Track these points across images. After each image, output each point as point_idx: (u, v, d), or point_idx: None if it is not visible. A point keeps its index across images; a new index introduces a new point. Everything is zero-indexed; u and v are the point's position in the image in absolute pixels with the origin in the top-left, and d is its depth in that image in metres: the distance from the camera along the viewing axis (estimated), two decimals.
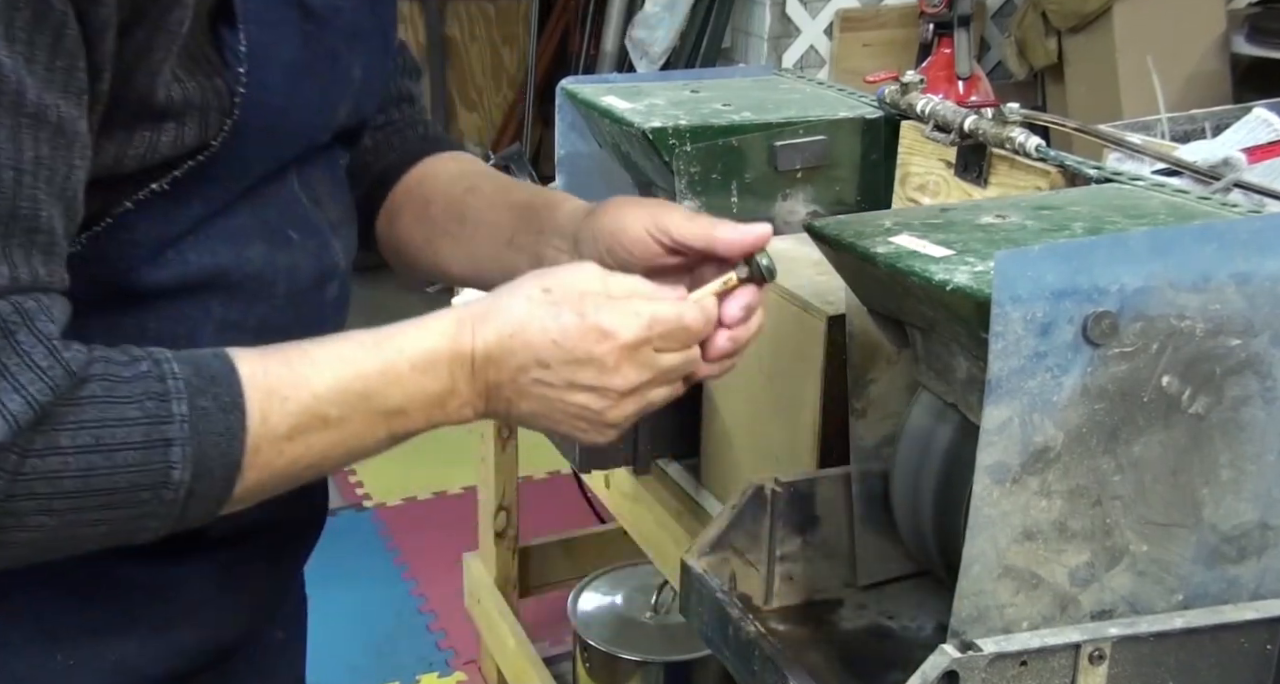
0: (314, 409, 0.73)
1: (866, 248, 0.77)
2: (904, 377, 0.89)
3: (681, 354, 0.80)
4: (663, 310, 0.79)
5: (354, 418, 0.74)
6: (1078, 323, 0.66)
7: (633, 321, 0.78)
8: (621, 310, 0.78)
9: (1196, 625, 0.72)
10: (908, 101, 1.16)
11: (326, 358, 0.74)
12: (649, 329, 0.78)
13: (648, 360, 0.79)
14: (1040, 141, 1.04)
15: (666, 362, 0.80)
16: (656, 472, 1.20)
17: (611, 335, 0.77)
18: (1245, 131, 1.41)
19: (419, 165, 1.04)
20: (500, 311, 0.78)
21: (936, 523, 0.83)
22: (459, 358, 0.76)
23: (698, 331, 0.81)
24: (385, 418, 0.75)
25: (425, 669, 2.35)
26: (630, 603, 1.96)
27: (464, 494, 2.85)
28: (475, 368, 0.77)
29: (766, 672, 0.79)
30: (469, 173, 1.03)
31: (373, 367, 0.74)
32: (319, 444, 0.74)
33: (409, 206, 1.03)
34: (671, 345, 0.80)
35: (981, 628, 0.69)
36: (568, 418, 0.80)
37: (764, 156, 1.16)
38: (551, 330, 0.77)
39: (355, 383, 0.74)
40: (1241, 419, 0.71)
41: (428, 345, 0.76)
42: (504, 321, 0.77)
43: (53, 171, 0.66)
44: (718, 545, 0.87)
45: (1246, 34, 2.93)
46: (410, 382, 0.75)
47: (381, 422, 0.76)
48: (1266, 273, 0.69)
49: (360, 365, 0.74)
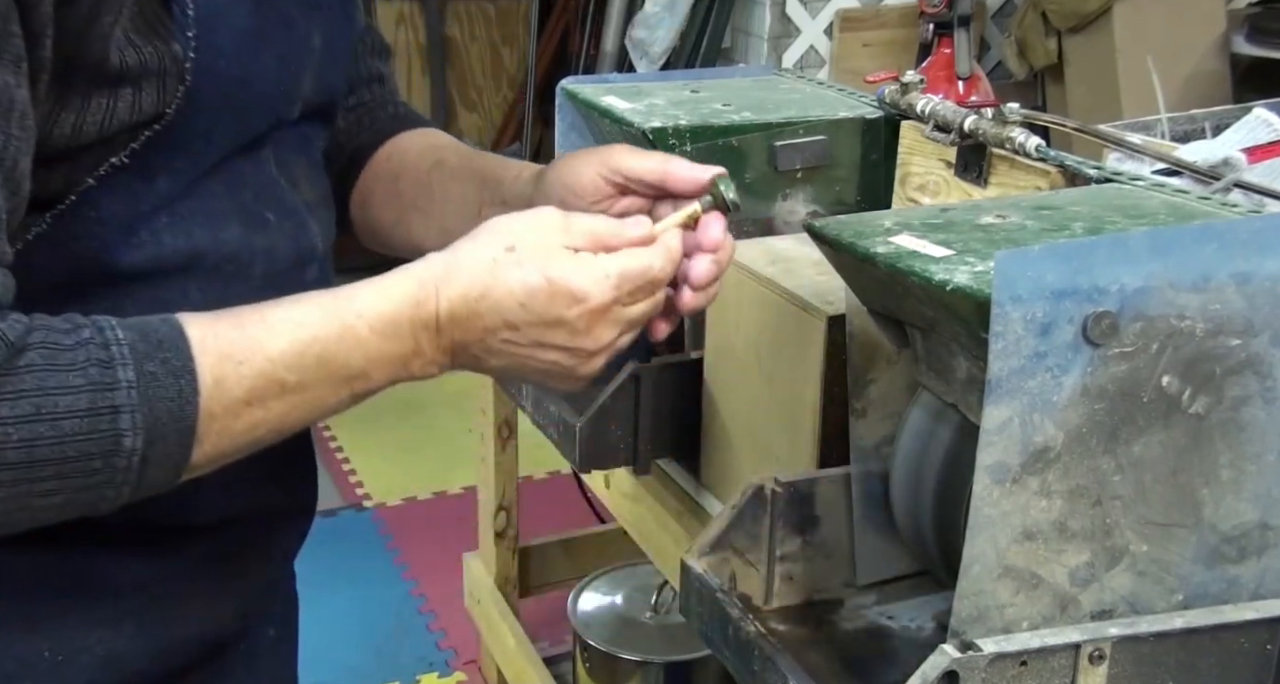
0: (270, 374, 0.71)
1: (866, 248, 0.77)
2: (904, 377, 0.89)
3: (649, 302, 0.80)
4: (630, 264, 0.78)
5: (313, 383, 0.73)
6: (1078, 323, 0.66)
7: (603, 283, 0.77)
8: (590, 271, 0.77)
9: (1196, 625, 0.72)
10: (908, 101, 1.16)
11: (281, 320, 0.73)
12: (618, 289, 0.77)
13: (617, 317, 0.79)
14: (1040, 141, 1.04)
15: (635, 313, 0.79)
16: (656, 472, 1.20)
17: (582, 299, 0.76)
18: (1245, 131, 1.41)
19: (388, 143, 1.04)
20: (464, 271, 0.76)
21: (936, 523, 0.83)
22: (422, 321, 0.75)
23: (665, 278, 0.80)
24: (347, 381, 0.75)
25: (425, 669, 2.35)
26: (630, 603, 1.96)
27: (464, 494, 2.85)
28: (440, 330, 0.76)
29: (766, 672, 0.79)
30: (436, 147, 1.04)
31: (330, 331, 0.73)
32: (278, 408, 0.73)
33: (379, 185, 1.03)
34: (640, 297, 0.79)
35: (981, 628, 0.69)
36: (538, 373, 0.80)
37: (764, 156, 1.16)
38: (518, 293, 0.76)
39: (313, 346, 0.73)
40: (1241, 419, 0.71)
41: (388, 309, 0.75)
42: (469, 283, 0.76)
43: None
44: (718, 545, 0.87)
45: (1246, 34, 2.93)
46: (371, 345, 0.74)
47: (343, 385, 0.75)
48: (1266, 273, 0.69)
49: (317, 329, 0.73)
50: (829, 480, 0.90)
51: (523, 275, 0.76)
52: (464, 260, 0.77)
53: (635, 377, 1.11)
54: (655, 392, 1.13)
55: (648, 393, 1.12)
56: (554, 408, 1.17)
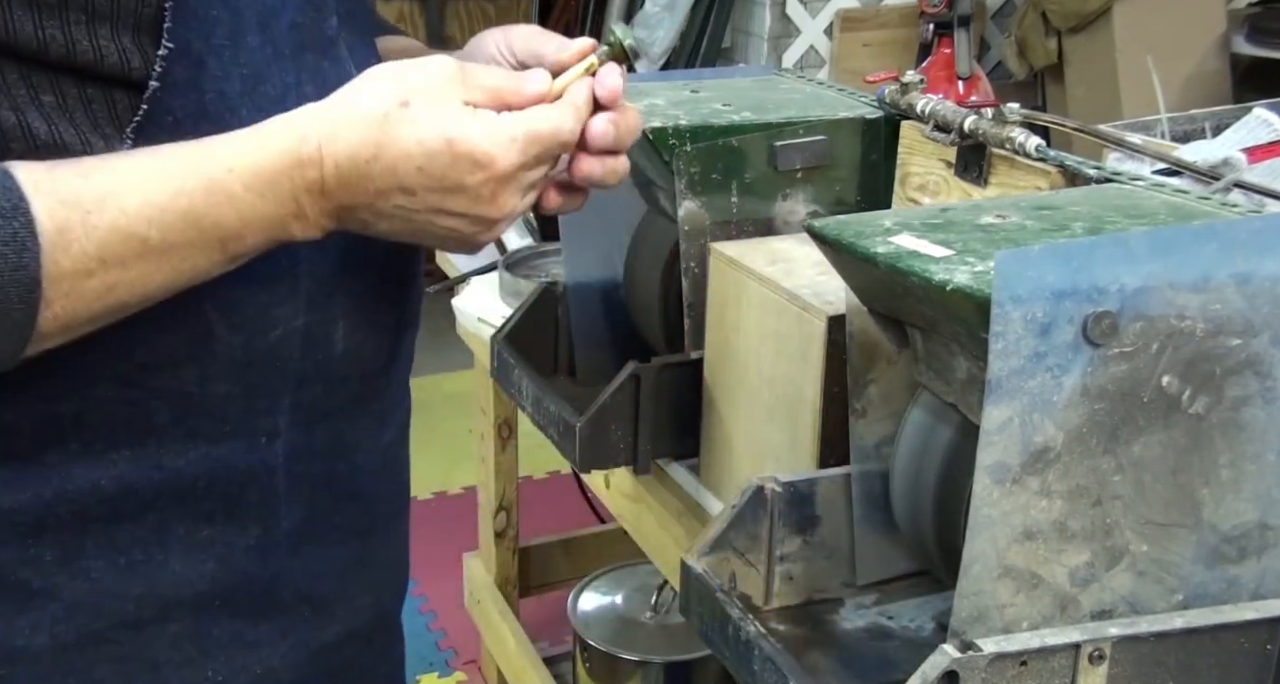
0: (126, 228, 0.64)
1: (866, 248, 0.77)
2: (904, 377, 0.89)
3: (552, 162, 0.75)
4: (538, 126, 0.72)
5: (181, 244, 0.66)
6: (1078, 323, 0.66)
7: (508, 148, 0.71)
8: (495, 134, 0.71)
9: (1196, 625, 0.72)
10: (908, 101, 1.16)
11: (133, 169, 0.66)
12: (524, 153, 0.72)
13: (521, 183, 0.73)
14: (1040, 141, 1.04)
15: (537, 176, 0.74)
16: (656, 472, 1.20)
17: (486, 165, 0.70)
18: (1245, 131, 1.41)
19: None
20: (352, 127, 0.69)
21: (936, 523, 0.83)
22: (305, 184, 0.69)
23: (574, 139, 0.75)
24: (220, 243, 0.68)
25: (425, 669, 2.35)
26: (630, 603, 1.96)
27: (464, 494, 2.85)
28: (325, 193, 0.70)
29: (766, 672, 0.79)
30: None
31: (196, 184, 0.66)
32: (139, 269, 0.65)
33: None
34: (546, 159, 0.74)
35: (981, 628, 0.69)
36: (434, 238, 0.75)
37: (764, 156, 1.16)
38: (415, 156, 0.69)
39: (177, 201, 0.65)
40: (1241, 419, 0.71)
41: (265, 164, 0.68)
42: (359, 142, 0.69)
43: None
44: (718, 545, 0.87)
45: (1246, 34, 2.93)
46: (245, 204, 0.67)
47: (215, 247, 0.68)
48: (1266, 273, 0.69)
49: (180, 181, 0.66)
50: (829, 480, 0.90)
51: (419, 135, 0.69)
52: (352, 113, 0.70)
53: (635, 376, 1.12)
54: (655, 392, 1.13)
55: (648, 393, 1.12)
56: (554, 408, 1.17)
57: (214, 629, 0.81)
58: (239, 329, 0.75)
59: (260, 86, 0.73)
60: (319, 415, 0.82)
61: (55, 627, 0.75)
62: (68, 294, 0.63)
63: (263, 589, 0.82)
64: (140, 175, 0.65)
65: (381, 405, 0.89)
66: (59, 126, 0.67)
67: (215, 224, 0.67)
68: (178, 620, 0.79)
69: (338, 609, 0.88)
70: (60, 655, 0.76)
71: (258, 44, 0.72)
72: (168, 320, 0.72)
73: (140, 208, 0.64)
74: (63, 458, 0.73)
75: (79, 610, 0.76)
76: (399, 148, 0.69)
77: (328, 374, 0.81)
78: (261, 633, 0.83)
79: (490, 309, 1.66)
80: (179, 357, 0.74)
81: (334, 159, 0.69)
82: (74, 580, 0.75)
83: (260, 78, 0.73)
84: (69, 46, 0.66)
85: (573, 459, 1.15)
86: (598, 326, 1.31)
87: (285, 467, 0.81)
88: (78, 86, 0.67)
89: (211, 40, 0.70)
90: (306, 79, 0.76)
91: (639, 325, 1.28)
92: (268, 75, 0.73)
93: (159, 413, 0.74)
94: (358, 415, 0.86)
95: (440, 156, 0.70)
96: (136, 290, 0.66)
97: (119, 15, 0.67)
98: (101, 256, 0.63)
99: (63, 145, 0.67)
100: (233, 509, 0.79)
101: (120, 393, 0.73)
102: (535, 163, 0.74)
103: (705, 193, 1.14)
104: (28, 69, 0.66)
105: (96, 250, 0.63)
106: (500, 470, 2.05)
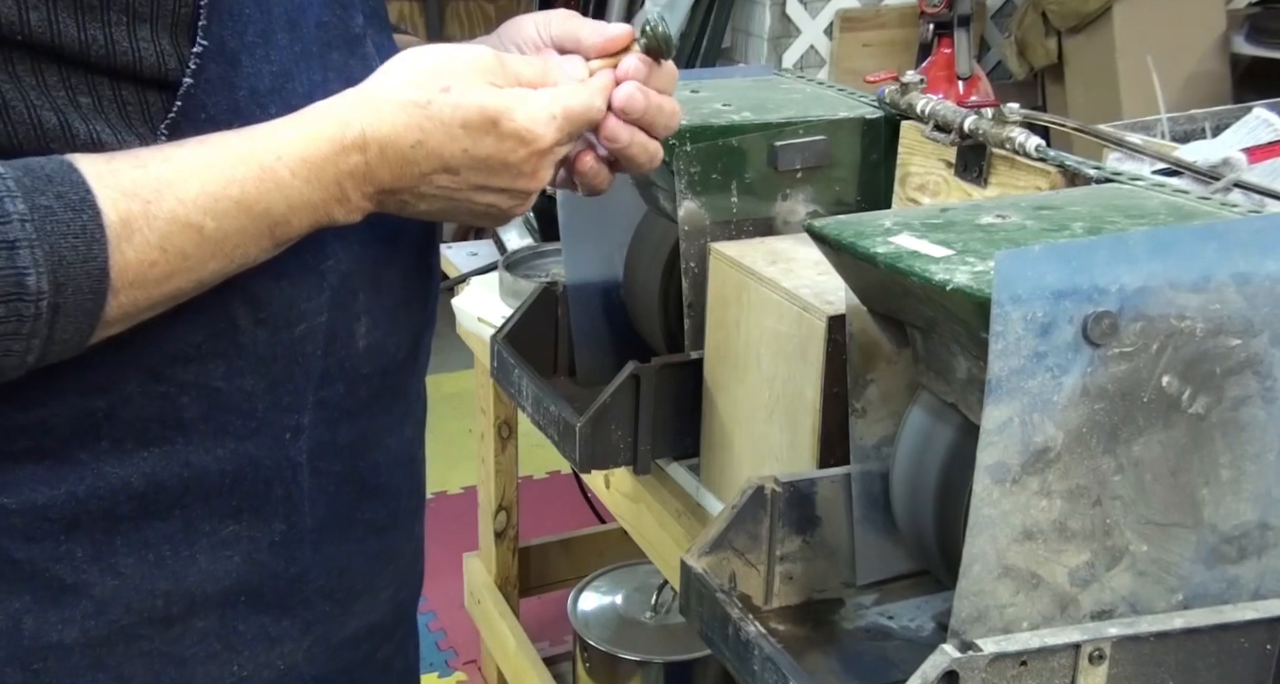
0: (184, 218, 0.66)
1: (866, 248, 0.77)
2: (904, 377, 0.89)
3: (578, 139, 0.79)
4: (573, 103, 0.76)
5: (233, 230, 0.68)
6: (1078, 323, 0.66)
7: (549, 124, 0.75)
8: (535, 112, 0.74)
9: (1196, 625, 0.72)
10: (908, 101, 1.16)
11: (187, 158, 0.67)
12: (561, 129, 0.76)
13: (555, 156, 0.77)
14: (1040, 141, 1.04)
15: (567, 149, 0.79)
16: (656, 472, 1.20)
17: (529, 142, 0.74)
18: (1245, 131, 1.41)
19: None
20: (396, 113, 0.71)
21: (937, 523, 0.83)
22: (349, 169, 0.71)
23: (601, 116, 0.79)
24: (269, 229, 0.70)
25: (425, 669, 2.35)
26: (630, 603, 1.96)
27: (464, 494, 2.85)
28: (370, 177, 0.72)
29: (766, 672, 0.79)
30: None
31: (246, 171, 0.68)
32: (197, 256, 0.67)
33: None
34: (575, 135, 0.78)
35: (981, 628, 0.69)
36: (470, 215, 0.77)
37: (764, 156, 1.16)
38: (461, 138, 0.72)
39: (229, 189, 0.67)
40: (1241, 419, 0.71)
41: (311, 152, 0.70)
42: (403, 129, 0.71)
43: None
44: (718, 545, 0.87)
45: (1246, 34, 2.93)
46: (292, 190, 0.69)
47: (265, 233, 0.70)
48: (1266, 273, 0.69)
49: (231, 170, 0.68)
50: (829, 480, 0.90)
51: (464, 117, 0.72)
52: (394, 99, 0.72)
53: (635, 377, 1.12)
54: (655, 392, 1.13)
55: (648, 393, 1.13)
56: (554, 408, 1.17)
57: (239, 625, 0.81)
58: (264, 324, 0.76)
59: (289, 84, 0.74)
60: (342, 412, 0.83)
61: (86, 622, 0.76)
62: (132, 283, 0.65)
63: (287, 585, 0.83)
64: (193, 164, 0.67)
65: (403, 403, 0.90)
66: (96, 126, 0.68)
67: (266, 211, 0.69)
68: (204, 616, 0.80)
69: (359, 604, 0.89)
70: (90, 651, 0.77)
71: (286, 42, 0.74)
72: (194, 313, 0.73)
73: (196, 197, 0.66)
74: (94, 455, 0.73)
75: (109, 606, 0.76)
76: (444, 131, 0.72)
77: (350, 371, 0.82)
78: (285, 628, 0.83)
79: (490, 309, 1.66)
80: (206, 350, 0.75)
81: (378, 144, 0.71)
82: (104, 576, 0.76)
83: (289, 75, 0.74)
84: (109, 47, 0.67)
85: (573, 459, 1.15)
86: (598, 327, 1.31)
87: (309, 463, 0.81)
88: (113, 87, 0.68)
89: (245, 38, 0.71)
90: (334, 77, 0.78)
91: (639, 325, 1.28)
92: (296, 73, 0.75)
93: (187, 408, 0.75)
94: (379, 413, 0.87)
95: (486, 137, 0.72)
96: (192, 278, 0.68)
97: (158, 15, 0.68)
98: (162, 246, 0.65)
99: (100, 144, 0.68)
100: (258, 506, 0.80)
101: (150, 387, 0.74)
102: (567, 138, 0.77)
103: (705, 193, 1.14)
104: (68, 71, 0.67)
105: (158, 240, 0.65)
106: (500, 470, 2.05)
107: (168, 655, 0.79)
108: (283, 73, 0.74)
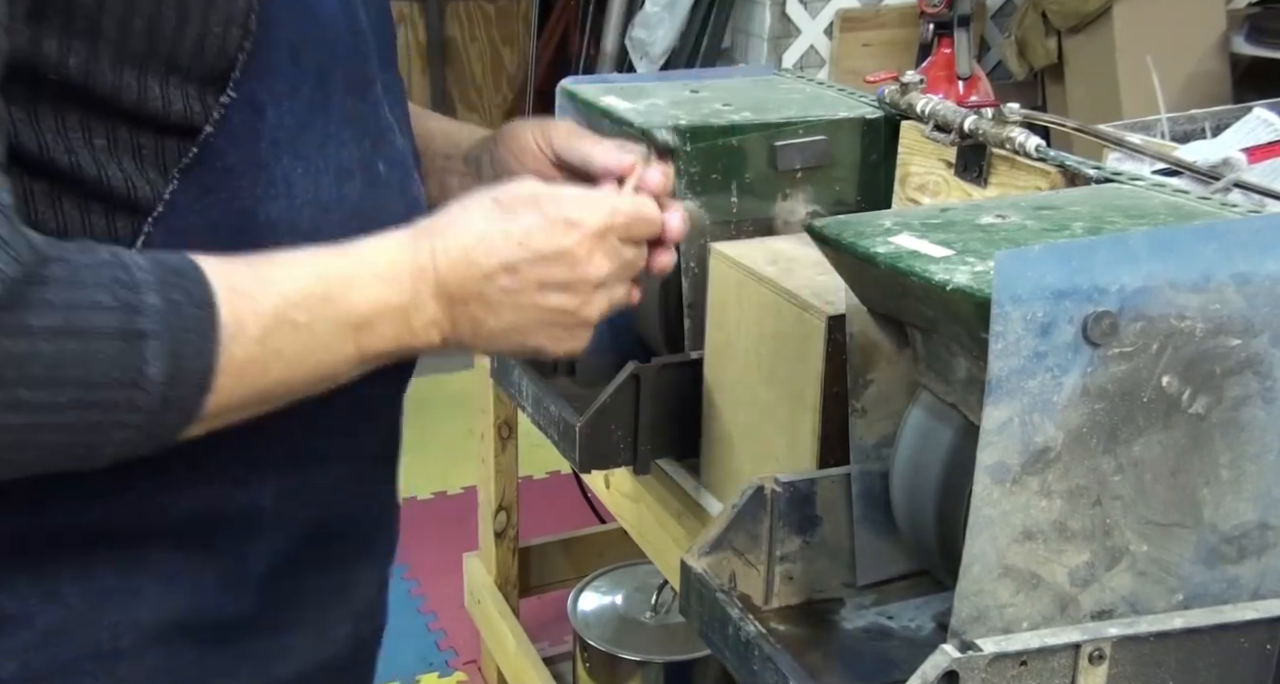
0: (282, 313, 0.68)
1: (866, 248, 0.77)
2: (904, 377, 0.89)
3: (638, 248, 0.81)
4: (621, 201, 0.79)
5: (319, 324, 0.70)
6: (1078, 323, 0.66)
7: (598, 207, 0.77)
8: (582, 201, 0.77)
9: (1196, 625, 0.72)
10: (908, 101, 1.16)
11: (287, 261, 0.71)
12: (612, 217, 0.78)
13: (615, 248, 0.79)
14: (1040, 141, 1.04)
15: (629, 254, 0.80)
16: (656, 472, 1.20)
17: (579, 224, 0.76)
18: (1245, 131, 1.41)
19: None
20: (456, 223, 0.76)
21: (937, 523, 0.83)
22: (419, 270, 0.74)
23: (655, 222, 0.81)
24: (353, 329, 0.72)
25: (425, 669, 2.35)
26: (630, 603, 1.96)
27: (464, 494, 2.85)
28: (438, 280, 0.74)
29: (766, 672, 0.79)
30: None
31: (336, 272, 0.71)
32: (289, 351, 0.69)
33: None
34: (632, 236, 0.80)
35: (981, 628, 0.69)
36: (542, 325, 0.78)
37: (764, 156, 1.16)
38: (515, 233, 0.75)
39: (319, 285, 0.70)
40: (1241, 419, 0.71)
41: (388, 255, 0.73)
42: (463, 231, 0.75)
43: None
44: (718, 545, 0.87)
45: (1246, 34, 2.93)
46: (372, 289, 0.72)
47: (349, 333, 0.72)
48: (1266, 273, 0.69)
49: (324, 270, 0.71)
50: (829, 480, 0.90)
51: (515, 216, 0.75)
52: (456, 215, 0.76)
53: (635, 377, 1.12)
54: (655, 392, 1.13)
55: (648, 393, 1.13)
56: (554, 408, 1.17)
57: (187, 660, 0.80)
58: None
59: (304, 134, 0.75)
60: (312, 460, 0.83)
61: (27, 654, 0.74)
62: (234, 375, 0.67)
63: (238, 620, 0.82)
64: (294, 264, 0.70)
65: (376, 451, 0.90)
66: (107, 170, 0.69)
67: (349, 307, 0.71)
68: (151, 650, 0.78)
69: (313, 640, 0.88)
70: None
71: (309, 93, 0.76)
72: None
73: (292, 293, 0.69)
74: (43, 497, 0.72)
75: (53, 638, 0.75)
76: (500, 228, 0.75)
77: (323, 419, 0.82)
78: (234, 663, 0.82)
79: None
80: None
81: (443, 248, 0.74)
82: (48, 605, 0.74)
83: (304, 125, 0.76)
84: (141, 94, 0.68)
85: (573, 459, 1.15)
86: (598, 326, 1.31)
87: (272, 506, 0.81)
88: (131, 132, 0.69)
89: (274, 91, 0.73)
90: (344, 124, 0.79)
91: (639, 325, 1.28)
92: (310, 123, 0.76)
93: (148, 457, 0.73)
94: (352, 461, 0.87)
95: (537, 227, 0.75)
96: (284, 375, 0.70)
97: (194, 68, 0.70)
98: (261, 339, 0.67)
99: (108, 187, 0.69)
100: (210, 542, 0.79)
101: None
102: (625, 233, 0.79)
103: (705, 193, 1.14)
104: (87, 114, 0.68)
105: (258, 334, 0.67)
106: (500, 470, 2.05)
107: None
108: (298, 123, 0.75)
